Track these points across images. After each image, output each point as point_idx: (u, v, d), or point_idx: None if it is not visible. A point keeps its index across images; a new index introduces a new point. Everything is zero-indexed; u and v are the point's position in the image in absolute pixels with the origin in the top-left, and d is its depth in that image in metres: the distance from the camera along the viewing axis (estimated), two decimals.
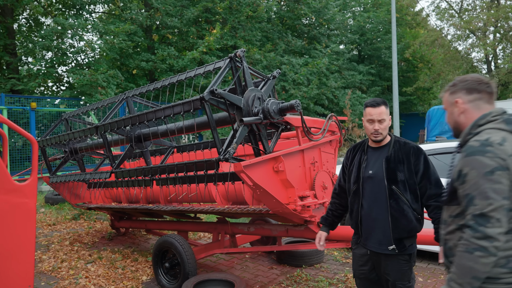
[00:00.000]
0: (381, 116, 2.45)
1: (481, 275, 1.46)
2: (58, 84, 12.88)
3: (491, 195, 1.45)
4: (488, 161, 1.48)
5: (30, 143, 1.92)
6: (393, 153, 2.48)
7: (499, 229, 1.43)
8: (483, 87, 1.70)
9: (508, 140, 1.54)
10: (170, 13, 13.83)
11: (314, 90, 16.33)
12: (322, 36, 20.70)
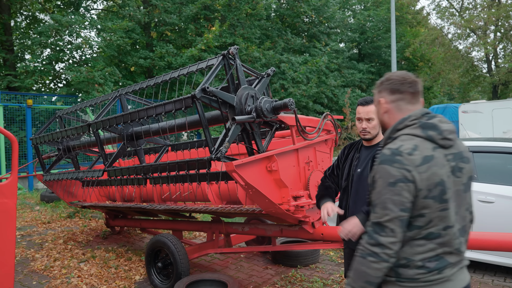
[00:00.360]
0: (369, 115, 2.45)
1: (373, 280, 1.52)
2: (56, 82, 12.83)
3: (389, 205, 1.47)
4: (394, 172, 1.48)
5: (10, 141, 1.86)
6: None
7: (391, 238, 1.48)
8: (405, 87, 1.63)
9: (419, 149, 1.51)
10: (169, 10, 13.75)
11: (313, 88, 16.29)
12: (321, 34, 20.64)
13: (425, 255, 1.52)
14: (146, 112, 3.49)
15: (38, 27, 11.24)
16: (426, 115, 1.60)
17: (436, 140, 1.54)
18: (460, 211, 1.59)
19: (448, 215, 1.52)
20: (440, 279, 1.52)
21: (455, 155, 1.57)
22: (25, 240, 5.98)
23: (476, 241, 3.06)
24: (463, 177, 1.58)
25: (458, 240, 1.56)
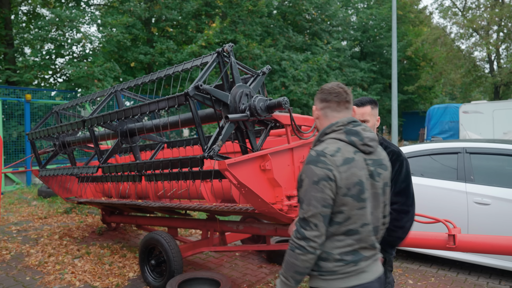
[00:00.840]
0: (364, 117, 2.42)
1: (301, 270, 1.66)
2: (55, 77, 12.80)
3: (312, 202, 1.61)
4: (318, 171, 1.62)
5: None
6: None
7: (315, 232, 1.62)
8: (331, 97, 1.79)
9: (341, 151, 1.67)
10: (170, 6, 13.70)
11: (314, 86, 16.21)
12: (323, 32, 20.55)
13: (343, 249, 1.68)
14: (140, 109, 3.46)
15: (38, 21, 11.21)
16: (352, 122, 1.76)
17: (357, 145, 1.71)
18: (376, 212, 1.76)
19: (365, 213, 1.69)
20: (356, 270, 1.69)
21: (374, 161, 1.75)
22: (20, 235, 5.98)
23: (473, 244, 3.04)
24: (380, 182, 1.76)
25: (373, 237, 1.74)
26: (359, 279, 1.69)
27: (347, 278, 1.68)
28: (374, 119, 2.42)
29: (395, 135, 13.43)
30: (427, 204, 4.50)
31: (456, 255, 4.41)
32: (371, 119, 2.40)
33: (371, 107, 2.41)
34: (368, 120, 2.41)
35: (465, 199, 4.29)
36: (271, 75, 16.25)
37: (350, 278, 1.68)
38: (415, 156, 4.91)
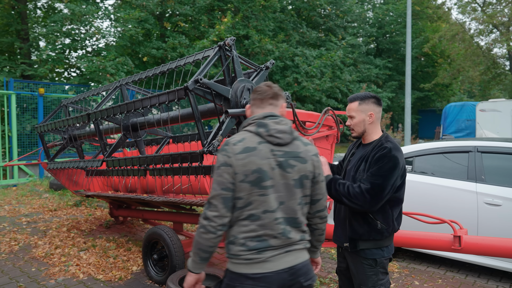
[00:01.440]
0: (350, 113, 2.43)
1: (204, 248, 1.77)
2: (69, 71, 12.96)
3: (214, 185, 1.77)
4: (220, 158, 1.79)
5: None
6: (367, 152, 2.37)
7: (214, 213, 1.74)
8: (255, 95, 1.96)
9: (245, 141, 1.80)
10: (182, 1, 13.70)
11: (327, 83, 16.06)
12: (338, 28, 20.30)
13: (247, 234, 1.76)
14: (141, 103, 3.44)
15: (53, 16, 11.35)
16: (267, 117, 1.87)
17: (263, 135, 1.81)
18: (290, 203, 1.81)
19: (267, 200, 1.76)
20: (258, 258, 1.74)
21: (286, 152, 1.82)
22: (30, 227, 6.07)
23: (480, 246, 2.94)
24: (294, 173, 1.81)
25: (282, 226, 1.77)
26: (261, 268, 1.74)
27: (250, 264, 1.74)
28: (361, 115, 2.38)
29: (408, 133, 13.20)
30: (436, 204, 4.39)
31: (466, 257, 4.29)
32: (356, 115, 2.39)
33: (358, 102, 2.39)
34: (353, 116, 2.40)
35: (475, 199, 4.15)
36: (283, 71, 16.15)
37: (252, 265, 1.74)
38: (425, 155, 4.79)
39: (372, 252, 2.32)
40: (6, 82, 9.35)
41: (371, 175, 2.23)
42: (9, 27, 12.21)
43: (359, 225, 2.32)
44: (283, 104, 2.00)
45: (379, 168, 2.22)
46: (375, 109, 2.39)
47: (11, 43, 11.68)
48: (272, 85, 1.97)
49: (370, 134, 2.42)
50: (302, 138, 1.94)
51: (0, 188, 8.92)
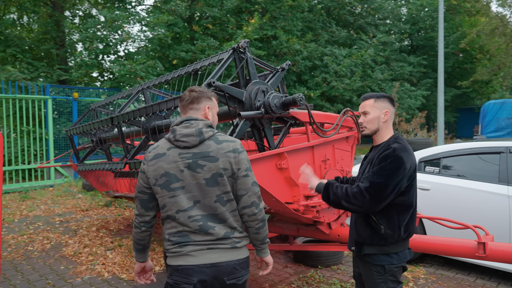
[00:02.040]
0: (364, 109, 2.36)
1: (136, 240, 2.08)
2: (102, 75, 13.44)
3: (135, 188, 2.00)
4: (141, 165, 2.00)
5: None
6: (375, 154, 2.30)
7: (136, 211, 2.02)
8: (178, 102, 2.20)
9: (158, 147, 1.98)
10: (211, 4, 13.86)
11: (358, 82, 15.73)
12: (369, 26, 19.86)
13: (170, 230, 1.94)
14: (159, 106, 3.50)
15: (86, 22, 11.82)
16: (183, 122, 1.98)
17: (171, 141, 1.95)
18: (205, 201, 1.91)
19: (178, 201, 1.89)
20: (181, 252, 1.89)
21: (195, 154, 1.91)
22: (62, 226, 6.33)
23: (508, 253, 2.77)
24: (204, 173, 1.90)
25: (199, 223, 1.89)
26: (184, 261, 1.89)
27: (175, 257, 1.91)
28: (377, 111, 2.31)
29: (441, 133, 12.70)
30: (465, 208, 4.19)
31: (498, 264, 4.06)
32: (371, 111, 2.32)
33: (374, 100, 2.33)
34: (367, 111, 2.33)
35: (507, 203, 3.93)
36: (312, 71, 15.98)
37: (177, 257, 1.91)
38: (453, 156, 4.59)
39: (379, 258, 2.23)
40: (43, 87, 9.81)
41: (372, 174, 2.16)
42: (47, 35, 12.82)
43: (362, 228, 2.27)
44: (206, 106, 2.07)
45: (381, 167, 2.14)
46: (390, 108, 2.34)
47: (49, 50, 12.25)
48: (194, 90, 2.07)
49: (382, 134, 2.34)
50: (218, 137, 1.99)
51: (38, 188, 9.37)
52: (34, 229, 6.15)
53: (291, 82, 15.29)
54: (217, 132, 2.02)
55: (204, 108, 2.06)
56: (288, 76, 15.14)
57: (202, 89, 2.10)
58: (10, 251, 5.11)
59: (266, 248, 2.12)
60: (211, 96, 2.11)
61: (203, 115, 2.05)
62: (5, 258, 4.87)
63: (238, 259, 1.93)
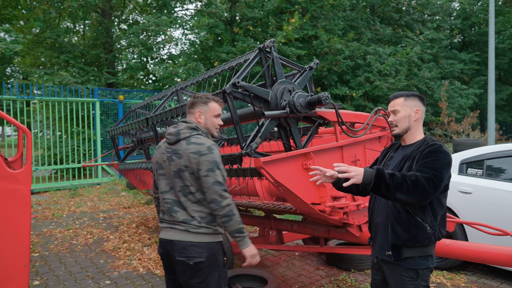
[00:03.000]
0: (394, 107, 2.28)
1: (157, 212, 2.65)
2: (146, 78, 13.98)
3: None
4: None
5: (25, 134, 2.04)
6: (411, 151, 2.20)
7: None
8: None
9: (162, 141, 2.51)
10: (251, 5, 13.96)
11: (403, 81, 15.13)
12: (415, 23, 19.06)
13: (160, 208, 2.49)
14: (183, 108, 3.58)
15: (131, 28, 12.36)
16: (179, 123, 2.42)
17: (165, 136, 2.41)
18: (175, 189, 2.34)
19: (160, 184, 2.40)
20: (160, 226, 2.41)
21: (172, 149, 2.34)
22: (105, 222, 6.65)
23: None
24: (173, 166, 2.32)
25: (168, 205, 2.34)
26: (160, 234, 2.39)
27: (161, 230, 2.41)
28: (407, 110, 2.24)
29: (492, 133, 11.91)
30: (510, 214, 3.90)
31: None
32: (402, 109, 2.24)
33: (404, 98, 2.26)
34: (397, 110, 2.26)
35: None
36: (355, 70, 15.61)
37: (160, 231, 2.41)
38: (498, 158, 4.30)
39: (415, 262, 2.11)
40: (92, 90, 10.37)
41: (426, 166, 2.02)
42: (96, 41, 13.55)
43: (403, 230, 2.10)
44: (198, 110, 2.42)
45: (435, 161, 2.04)
46: (421, 107, 2.27)
47: (98, 55, 12.94)
48: (195, 96, 2.44)
49: (414, 133, 2.26)
50: (191, 139, 2.31)
51: (86, 186, 9.90)
52: (79, 224, 6.51)
53: (332, 82, 15.02)
54: (196, 134, 2.34)
55: (196, 112, 2.43)
56: (329, 76, 14.89)
57: (202, 95, 2.43)
58: (57, 244, 5.45)
59: (242, 240, 2.31)
60: (207, 102, 2.43)
61: (195, 118, 2.44)
62: (52, 250, 5.20)
63: (190, 241, 2.26)
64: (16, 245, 1.99)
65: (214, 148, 2.31)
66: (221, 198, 2.23)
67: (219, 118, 2.51)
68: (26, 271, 2.04)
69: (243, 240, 2.31)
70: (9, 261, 2.00)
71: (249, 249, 2.34)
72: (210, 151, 2.28)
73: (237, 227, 2.28)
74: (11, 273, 2.00)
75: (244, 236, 2.30)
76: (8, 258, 2.00)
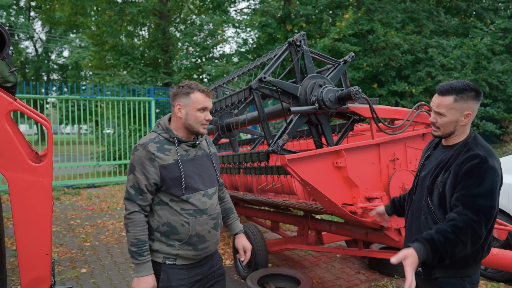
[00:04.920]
0: (440, 108, 1.85)
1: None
2: (201, 77, 14.36)
3: None
4: None
5: (45, 127, 2.15)
6: (449, 157, 1.88)
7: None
8: None
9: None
10: (305, 2, 13.75)
11: (469, 75, 14.01)
12: (485, 12, 17.57)
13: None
14: (219, 103, 3.59)
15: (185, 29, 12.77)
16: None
17: None
18: None
19: None
20: None
21: None
22: None
23: None
24: None
25: None
26: None
27: None
28: (455, 114, 1.84)
29: None
30: None
31: None
32: (448, 114, 1.84)
33: (454, 98, 1.82)
34: (443, 113, 1.85)
35: None
36: (415, 65, 14.76)
37: None
38: None
39: (449, 282, 1.85)
40: (148, 90, 10.86)
41: (471, 197, 1.73)
42: (154, 42, 14.17)
43: None
44: (178, 103, 2.02)
45: (480, 185, 1.72)
46: (474, 107, 1.85)
47: (155, 56, 13.55)
48: (179, 85, 2.07)
49: (458, 135, 1.91)
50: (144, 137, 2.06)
51: None
52: None
53: (389, 78, 14.33)
54: (151, 131, 2.08)
55: (176, 106, 2.03)
56: (386, 71, 14.21)
57: (184, 84, 2.04)
58: (107, 235, 5.76)
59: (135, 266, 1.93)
60: (189, 93, 2.00)
61: (175, 112, 2.04)
62: (102, 241, 5.51)
63: None
64: (38, 235, 2.10)
65: (138, 149, 1.97)
66: (126, 204, 1.99)
67: (207, 112, 2.05)
68: (48, 259, 2.14)
69: (136, 266, 1.93)
70: (31, 250, 2.11)
71: (137, 281, 1.91)
72: (133, 152, 1.99)
73: (129, 247, 1.94)
74: (33, 261, 2.11)
75: (136, 262, 1.92)
76: (31, 247, 2.11)
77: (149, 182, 1.95)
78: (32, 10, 28.11)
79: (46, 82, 19.90)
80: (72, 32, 27.47)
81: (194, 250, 2.00)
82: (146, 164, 1.94)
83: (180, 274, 1.99)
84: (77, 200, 8.18)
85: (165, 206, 2.00)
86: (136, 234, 1.92)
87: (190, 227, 1.98)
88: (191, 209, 2.00)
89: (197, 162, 2.10)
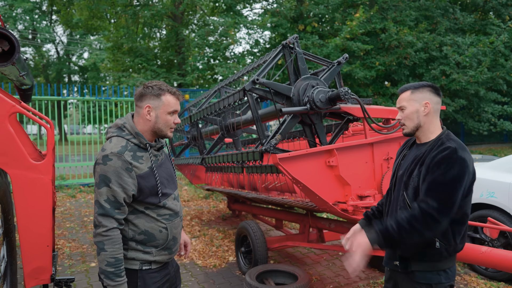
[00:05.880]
0: (400, 103, 2.04)
1: None
2: (214, 78, 14.55)
3: None
4: None
5: (45, 128, 2.31)
6: (423, 152, 1.97)
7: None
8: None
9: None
10: (317, 1, 13.76)
11: (485, 73, 13.74)
12: (503, 7, 17.17)
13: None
14: (218, 104, 3.71)
15: (198, 31, 12.98)
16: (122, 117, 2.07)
17: None
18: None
19: None
20: None
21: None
22: None
23: None
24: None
25: None
26: None
27: None
28: (414, 104, 1.99)
29: None
30: None
31: None
32: (408, 105, 2.00)
33: (410, 91, 2.01)
34: (403, 106, 2.02)
35: None
36: (429, 63, 14.58)
37: None
38: None
39: (425, 276, 1.93)
40: None
41: (433, 186, 1.83)
42: (167, 44, 14.46)
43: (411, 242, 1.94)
44: (147, 105, 1.90)
45: (443, 174, 1.80)
46: (432, 99, 1.98)
47: (169, 57, 13.80)
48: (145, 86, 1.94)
49: (426, 130, 2.00)
50: (107, 142, 1.88)
51: None
52: None
53: (403, 76, 14.20)
54: (115, 136, 1.90)
55: (144, 108, 1.91)
56: (400, 70, 14.09)
57: (154, 85, 1.93)
58: None
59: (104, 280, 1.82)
60: (160, 95, 1.90)
61: (143, 114, 1.92)
62: None
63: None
64: (39, 228, 2.26)
65: (112, 158, 1.80)
66: (97, 222, 1.81)
67: (176, 115, 1.98)
68: (49, 251, 2.30)
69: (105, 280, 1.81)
70: (33, 241, 2.28)
71: None
72: (105, 161, 1.80)
73: (103, 268, 1.79)
74: (35, 252, 2.28)
75: (113, 284, 1.79)
76: (32, 239, 2.28)
77: (128, 194, 1.83)
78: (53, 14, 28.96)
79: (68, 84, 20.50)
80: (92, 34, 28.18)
81: (169, 253, 2.01)
82: (123, 175, 1.80)
83: (155, 277, 1.97)
84: (92, 198, 8.46)
85: (140, 214, 1.91)
86: (114, 252, 1.79)
87: (168, 232, 1.97)
88: (167, 214, 1.98)
89: (164, 166, 2.07)
